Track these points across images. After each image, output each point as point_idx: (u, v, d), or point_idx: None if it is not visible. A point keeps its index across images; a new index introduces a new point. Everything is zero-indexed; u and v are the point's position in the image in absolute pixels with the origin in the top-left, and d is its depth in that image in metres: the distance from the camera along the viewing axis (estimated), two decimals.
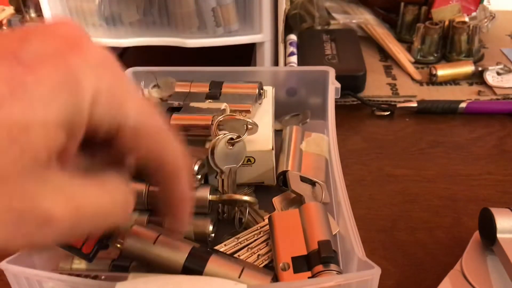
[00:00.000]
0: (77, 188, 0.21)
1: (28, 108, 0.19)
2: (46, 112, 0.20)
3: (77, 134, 0.21)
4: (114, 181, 0.24)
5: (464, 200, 0.48)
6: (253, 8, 0.59)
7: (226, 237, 0.39)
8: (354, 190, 0.49)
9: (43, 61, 0.20)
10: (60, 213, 0.20)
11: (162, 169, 0.25)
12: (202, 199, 0.39)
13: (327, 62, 0.65)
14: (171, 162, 0.25)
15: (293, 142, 0.47)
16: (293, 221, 0.36)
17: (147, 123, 0.24)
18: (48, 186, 0.20)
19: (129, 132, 0.23)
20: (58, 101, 0.20)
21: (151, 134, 0.24)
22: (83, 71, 0.21)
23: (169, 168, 0.25)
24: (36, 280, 0.29)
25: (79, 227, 0.21)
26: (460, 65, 0.68)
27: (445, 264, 0.40)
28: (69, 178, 0.21)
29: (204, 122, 0.42)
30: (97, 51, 0.22)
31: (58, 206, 0.20)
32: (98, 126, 0.22)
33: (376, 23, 0.78)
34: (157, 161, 0.25)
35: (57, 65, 0.20)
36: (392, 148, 0.56)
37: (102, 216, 0.22)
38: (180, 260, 0.32)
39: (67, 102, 0.20)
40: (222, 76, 0.51)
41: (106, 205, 0.22)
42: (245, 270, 0.32)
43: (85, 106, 0.21)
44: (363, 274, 0.29)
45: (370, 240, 0.44)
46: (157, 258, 0.32)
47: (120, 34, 0.62)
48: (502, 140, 0.56)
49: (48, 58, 0.20)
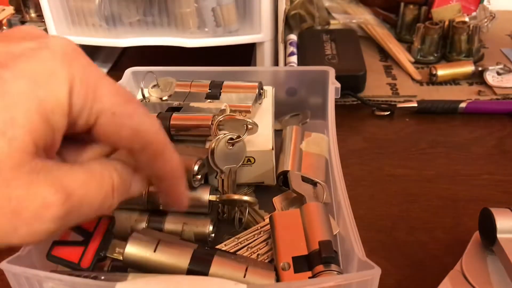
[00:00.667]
0: (66, 175, 0.22)
1: (10, 102, 0.20)
2: (28, 104, 0.20)
3: (60, 125, 0.22)
4: (100, 167, 0.24)
5: (464, 200, 0.48)
6: (253, 8, 0.59)
7: (226, 237, 0.40)
8: (354, 190, 0.49)
9: (14, 58, 0.21)
10: (54, 199, 0.20)
11: (147, 149, 0.25)
12: (202, 199, 0.39)
13: (327, 62, 0.65)
14: (155, 140, 0.25)
15: (293, 142, 0.47)
16: (294, 221, 0.36)
17: (123, 106, 0.24)
18: (40, 175, 0.20)
19: (108, 117, 0.23)
20: (38, 93, 0.21)
21: (129, 116, 0.24)
22: (54, 62, 0.22)
23: (154, 147, 0.25)
24: (36, 280, 0.29)
25: (71, 214, 0.21)
26: (460, 65, 0.68)
27: (445, 264, 0.40)
28: (57, 166, 0.22)
29: (204, 122, 0.42)
30: (62, 43, 0.23)
31: (51, 193, 0.20)
32: (78, 116, 0.23)
33: (376, 23, 0.78)
34: (140, 142, 0.25)
35: (29, 60, 0.21)
36: (392, 148, 0.56)
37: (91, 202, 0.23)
38: (183, 264, 0.32)
39: (47, 93, 0.21)
40: (222, 76, 0.51)
41: (94, 191, 0.23)
42: (249, 268, 0.32)
43: (64, 95, 0.22)
44: (363, 274, 0.29)
45: (370, 240, 0.44)
46: (160, 265, 0.32)
47: (120, 34, 0.62)
48: (502, 140, 0.56)
49: (18, 55, 0.21)
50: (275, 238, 0.35)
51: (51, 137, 0.22)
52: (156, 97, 0.50)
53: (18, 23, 0.69)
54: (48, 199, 0.20)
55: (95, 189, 0.23)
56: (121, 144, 0.25)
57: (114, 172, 0.24)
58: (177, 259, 0.32)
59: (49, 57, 0.22)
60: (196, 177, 0.38)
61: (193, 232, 0.39)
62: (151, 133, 0.25)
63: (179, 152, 0.40)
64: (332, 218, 0.39)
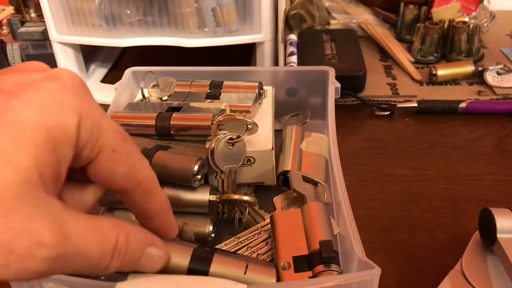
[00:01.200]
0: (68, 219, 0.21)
1: (19, 130, 0.20)
2: (36, 133, 0.20)
3: (67, 156, 0.22)
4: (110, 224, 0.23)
5: (464, 200, 0.48)
6: (253, 8, 0.59)
7: (226, 237, 0.39)
8: (354, 190, 0.49)
9: (24, 88, 0.21)
10: (48, 238, 0.20)
11: (139, 187, 0.26)
12: (202, 199, 0.39)
13: (327, 62, 0.65)
14: (147, 178, 0.26)
15: (293, 142, 0.47)
16: (295, 221, 0.36)
17: (123, 143, 0.24)
18: (41, 210, 0.20)
19: (108, 153, 0.24)
20: (46, 122, 0.21)
21: (127, 154, 0.25)
22: (64, 94, 0.22)
23: (145, 185, 0.26)
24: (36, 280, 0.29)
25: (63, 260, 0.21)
26: (460, 65, 0.68)
27: (445, 264, 0.40)
28: (62, 208, 0.21)
29: (204, 122, 0.42)
30: (71, 77, 0.23)
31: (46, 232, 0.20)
32: (83, 148, 0.23)
33: (376, 23, 0.78)
34: (134, 181, 0.25)
35: (38, 91, 0.21)
36: (392, 148, 0.56)
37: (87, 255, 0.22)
38: (184, 263, 0.32)
39: (56, 123, 0.21)
40: (222, 76, 0.51)
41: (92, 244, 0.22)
42: (250, 265, 0.32)
43: (73, 126, 0.22)
44: (363, 274, 0.29)
45: (370, 240, 0.44)
46: None
47: (120, 34, 0.62)
48: (502, 140, 0.56)
49: (28, 85, 0.21)
50: (276, 238, 0.35)
51: (57, 167, 0.21)
52: (156, 97, 0.50)
53: (18, 23, 0.69)
54: (42, 238, 0.19)
55: (93, 242, 0.22)
56: (116, 182, 0.25)
57: (121, 233, 0.24)
58: (177, 258, 0.32)
59: (58, 88, 0.22)
60: (196, 177, 0.38)
61: (193, 232, 0.39)
62: (144, 171, 0.26)
63: (179, 152, 0.40)
64: (332, 218, 0.39)
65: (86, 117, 0.22)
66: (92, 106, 0.23)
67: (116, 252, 0.23)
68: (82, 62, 0.69)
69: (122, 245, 0.23)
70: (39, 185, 0.20)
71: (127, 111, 0.47)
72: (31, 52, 0.69)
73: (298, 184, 0.41)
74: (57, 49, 0.65)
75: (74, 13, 0.61)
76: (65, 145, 0.21)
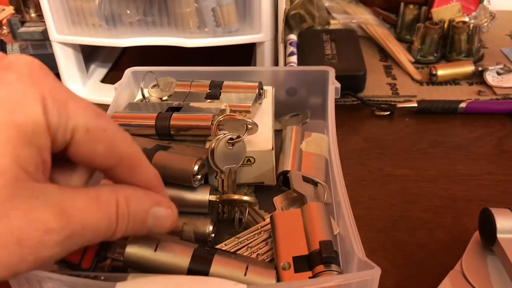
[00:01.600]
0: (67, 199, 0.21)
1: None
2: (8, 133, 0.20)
3: (45, 144, 0.22)
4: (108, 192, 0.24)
5: (464, 200, 0.48)
6: (253, 8, 0.59)
7: (226, 237, 0.39)
8: (354, 190, 0.49)
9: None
10: (55, 223, 0.20)
11: (122, 163, 0.25)
12: (202, 199, 0.39)
13: (327, 62, 0.65)
14: (129, 154, 0.25)
15: (293, 142, 0.47)
16: (295, 221, 0.36)
17: (96, 120, 0.24)
18: (40, 200, 0.20)
19: (83, 134, 0.23)
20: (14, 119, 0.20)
21: (103, 131, 0.24)
22: (22, 84, 0.21)
23: (128, 161, 0.25)
24: (36, 280, 0.29)
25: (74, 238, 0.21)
26: (460, 65, 0.68)
27: (445, 264, 0.40)
28: (59, 190, 0.21)
29: (204, 122, 0.42)
30: (27, 62, 0.22)
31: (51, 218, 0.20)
32: (56, 133, 0.22)
33: (376, 23, 0.78)
34: (115, 157, 0.25)
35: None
36: (392, 148, 0.56)
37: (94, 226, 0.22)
38: (184, 264, 0.32)
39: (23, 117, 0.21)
40: (222, 76, 0.51)
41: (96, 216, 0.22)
42: (250, 267, 0.32)
43: (39, 114, 0.21)
44: (363, 274, 0.29)
45: (370, 240, 0.44)
46: (161, 265, 0.32)
47: (120, 34, 0.62)
48: (502, 140, 0.56)
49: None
50: (276, 238, 0.35)
51: (39, 158, 0.21)
52: (156, 97, 0.50)
53: (18, 23, 0.69)
54: (49, 224, 0.20)
55: (97, 214, 0.22)
56: (97, 161, 0.25)
57: (121, 197, 0.24)
58: (178, 259, 0.32)
59: (16, 78, 0.21)
60: (196, 177, 0.38)
61: (193, 232, 0.39)
62: (126, 147, 0.25)
63: (179, 152, 0.40)
64: (332, 218, 0.39)
65: (51, 102, 0.22)
66: (55, 89, 0.22)
67: (120, 216, 0.23)
68: (82, 62, 0.69)
69: (123, 209, 0.24)
70: (27, 179, 0.20)
71: (127, 111, 0.47)
72: (31, 52, 0.69)
73: (298, 184, 0.41)
74: (57, 49, 0.65)
75: (74, 13, 0.61)
76: (40, 135, 0.21)
